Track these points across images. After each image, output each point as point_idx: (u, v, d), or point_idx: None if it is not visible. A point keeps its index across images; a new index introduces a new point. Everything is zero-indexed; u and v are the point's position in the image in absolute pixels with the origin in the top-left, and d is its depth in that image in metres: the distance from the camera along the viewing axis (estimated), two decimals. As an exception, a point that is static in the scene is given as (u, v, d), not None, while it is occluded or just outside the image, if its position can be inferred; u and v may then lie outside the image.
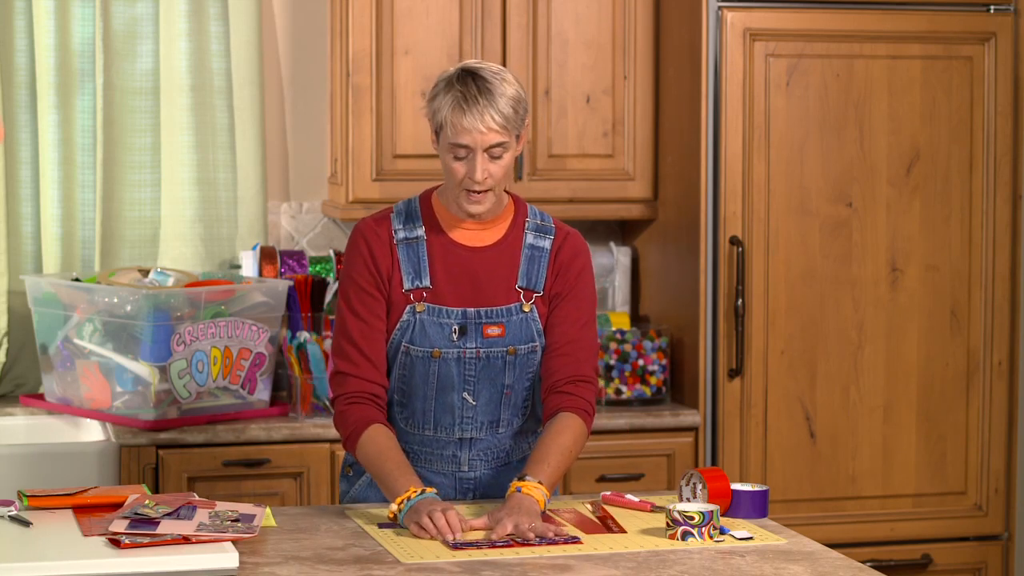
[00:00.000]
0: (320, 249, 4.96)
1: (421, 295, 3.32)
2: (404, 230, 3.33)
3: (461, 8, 4.68)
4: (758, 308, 4.59)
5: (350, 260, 3.35)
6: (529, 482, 3.18)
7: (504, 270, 3.34)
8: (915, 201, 4.67)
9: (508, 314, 3.33)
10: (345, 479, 3.51)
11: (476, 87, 3.18)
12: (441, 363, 3.32)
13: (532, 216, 3.39)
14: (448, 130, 3.20)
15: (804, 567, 2.97)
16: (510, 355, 3.34)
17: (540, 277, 3.35)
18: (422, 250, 3.32)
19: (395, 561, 2.96)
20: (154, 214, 4.78)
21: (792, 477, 4.63)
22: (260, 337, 4.50)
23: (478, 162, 3.20)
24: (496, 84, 3.19)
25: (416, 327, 3.31)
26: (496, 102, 3.17)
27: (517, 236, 3.36)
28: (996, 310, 4.73)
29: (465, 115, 3.17)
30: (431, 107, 3.23)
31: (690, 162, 4.64)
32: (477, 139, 3.18)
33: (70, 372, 4.46)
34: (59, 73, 4.65)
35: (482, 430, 3.38)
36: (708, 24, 4.54)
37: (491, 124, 3.17)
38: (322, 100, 4.95)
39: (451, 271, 3.32)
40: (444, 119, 3.20)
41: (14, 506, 3.14)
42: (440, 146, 3.25)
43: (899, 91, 4.64)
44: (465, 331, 3.31)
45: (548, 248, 3.37)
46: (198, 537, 2.91)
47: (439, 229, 3.33)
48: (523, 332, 3.34)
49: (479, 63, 3.25)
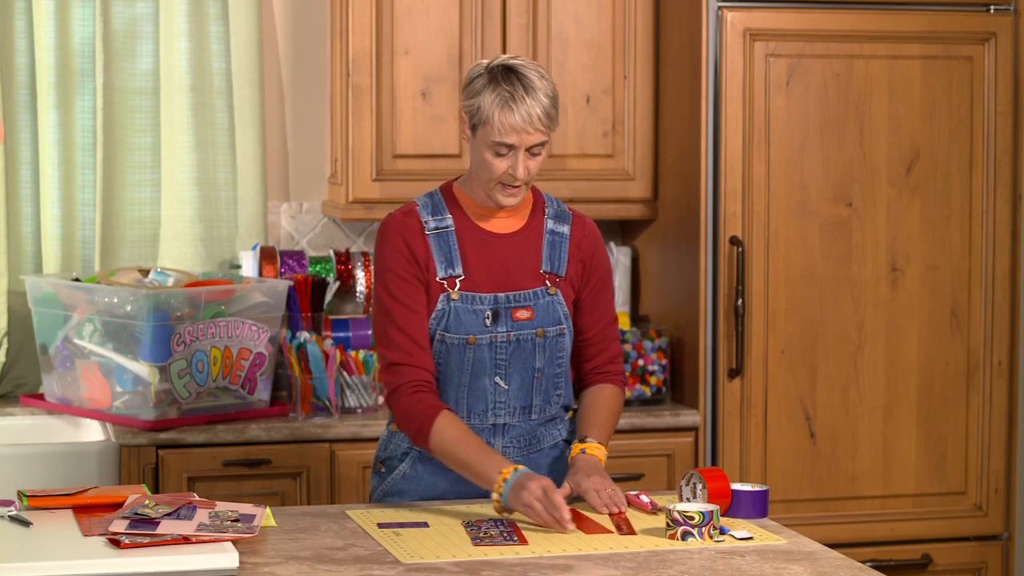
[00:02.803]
0: (320, 249, 4.96)
1: (454, 283, 3.38)
2: (433, 220, 3.40)
3: (461, 8, 4.68)
4: (758, 308, 4.59)
5: (386, 253, 3.39)
6: (591, 443, 3.37)
7: (529, 255, 3.43)
8: (915, 201, 4.67)
9: (535, 297, 3.41)
10: (377, 475, 3.53)
11: (522, 86, 3.25)
12: (476, 349, 3.38)
13: (550, 203, 3.49)
14: (493, 128, 3.26)
15: (804, 567, 2.97)
16: (539, 337, 3.41)
17: (562, 262, 3.45)
18: (452, 239, 3.39)
19: (395, 561, 2.96)
20: (154, 214, 4.78)
21: (792, 477, 4.63)
22: (260, 337, 4.50)
23: (520, 160, 3.29)
24: (538, 82, 3.27)
25: (451, 315, 3.37)
26: (540, 101, 3.26)
27: (539, 223, 3.46)
28: (996, 310, 4.73)
29: (513, 115, 3.25)
30: (471, 103, 3.29)
31: (690, 162, 4.64)
32: (524, 139, 3.27)
33: (70, 372, 4.46)
34: (59, 73, 4.65)
35: (514, 415, 3.44)
36: (708, 24, 4.54)
37: (537, 125, 3.26)
38: (322, 100, 4.95)
39: (481, 258, 3.39)
40: (488, 117, 3.26)
41: (14, 506, 3.14)
42: (477, 140, 3.31)
43: (899, 91, 4.64)
44: (497, 316, 3.38)
45: (567, 233, 3.47)
46: (198, 537, 2.91)
47: (466, 218, 3.41)
48: (551, 315, 3.42)
49: (517, 59, 3.31)
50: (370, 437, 4.43)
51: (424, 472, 3.45)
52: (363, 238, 4.98)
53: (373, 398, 4.58)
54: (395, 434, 3.49)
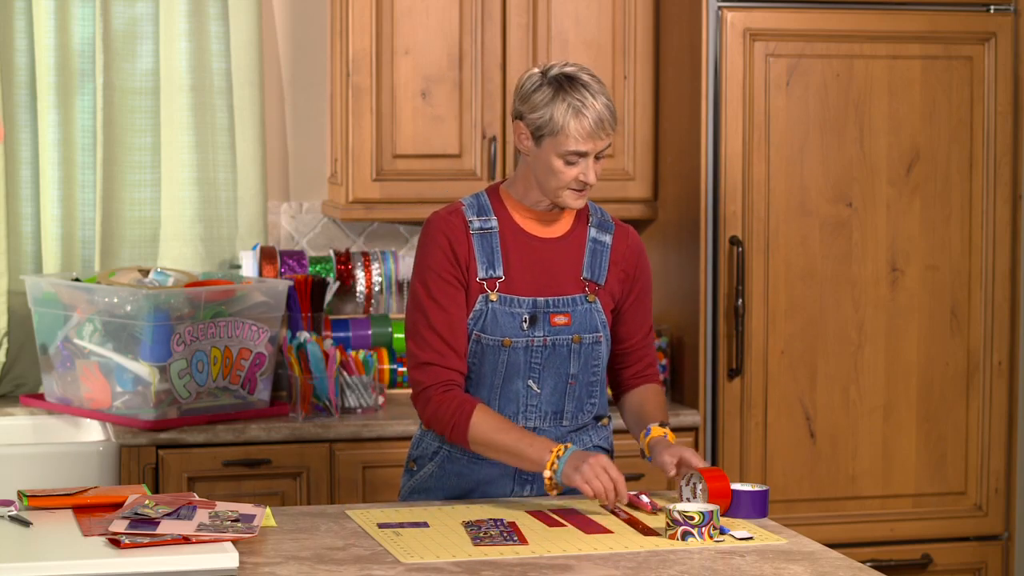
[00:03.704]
0: (320, 249, 4.96)
1: (494, 284, 3.39)
2: (478, 220, 3.42)
3: (461, 8, 4.68)
4: (758, 308, 4.59)
5: (428, 251, 3.40)
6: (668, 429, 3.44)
7: (571, 262, 3.45)
8: (915, 201, 4.67)
9: (574, 304, 3.43)
10: (408, 472, 3.54)
11: (590, 95, 3.30)
12: (511, 352, 3.39)
13: (594, 212, 3.52)
14: (569, 138, 3.30)
15: (804, 567, 2.97)
16: (575, 344, 3.42)
17: (603, 270, 3.47)
18: (495, 240, 3.41)
19: (395, 561, 2.96)
20: (154, 214, 4.78)
21: (792, 477, 4.63)
22: (260, 337, 4.50)
23: (591, 165, 3.34)
24: (597, 87, 3.33)
25: (488, 316, 3.38)
26: (608, 107, 3.33)
27: (582, 230, 3.47)
28: (996, 310, 4.73)
29: (588, 122, 3.29)
30: (539, 115, 3.32)
31: (690, 162, 4.64)
32: (597, 145, 3.32)
33: (70, 372, 4.46)
34: (59, 73, 4.65)
35: (545, 420, 3.44)
36: (708, 24, 4.54)
37: (607, 129, 3.33)
38: (322, 100, 4.95)
39: (523, 261, 3.41)
40: (562, 126, 3.29)
41: (14, 506, 3.14)
42: (544, 149, 3.33)
43: (899, 91, 4.64)
44: (535, 320, 3.40)
45: (609, 243, 3.49)
46: (198, 537, 2.91)
47: (511, 221, 3.43)
48: (588, 322, 3.43)
49: (570, 66, 3.35)
50: (370, 437, 4.43)
51: (451, 471, 3.46)
52: (363, 238, 4.99)
53: (373, 398, 4.58)
54: (427, 433, 3.49)
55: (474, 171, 4.70)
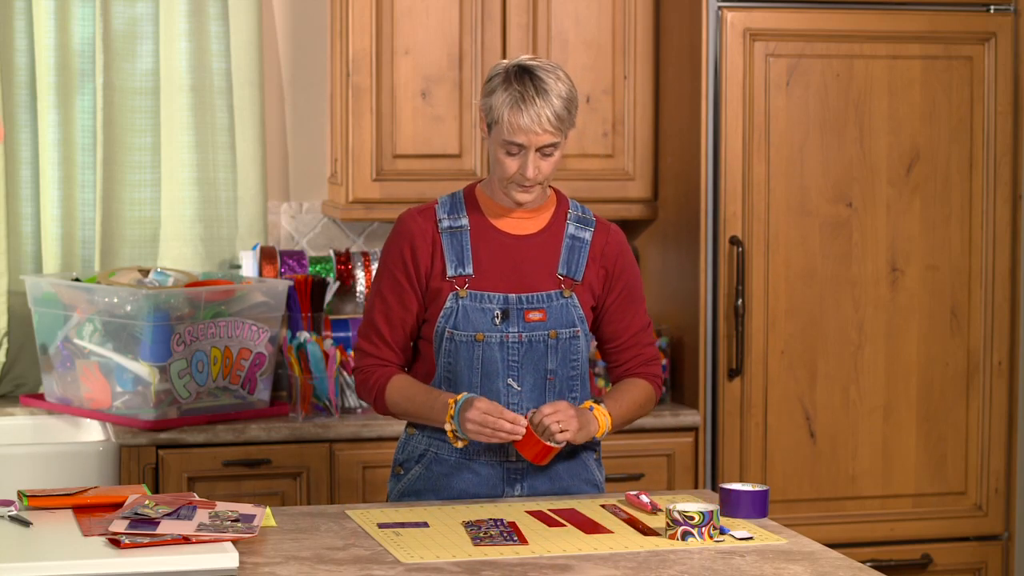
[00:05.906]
0: (320, 249, 4.96)
1: (464, 282, 3.40)
2: (448, 219, 3.43)
3: (461, 8, 4.68)
4: (758, 308, 4.59)
5: (390, 248, 3.46)
6: (602, 408, 3.40)
7: (546, 258, 3.45)
8: (915, 201, 4.67)
9: (549, 300, 3.43)
10: (395, 477, 3.55)
11: (534, 87, 3.28)
12: (485, 347, 3.40)
13: (574, 209, 3.51)
14: (504, 127, 3.30)
15: (804, 567, 2.97)
16: (552, 339, 3.42)
17: (580, 266, 3.46)
18: (465, 239, 3.42)
19: (395, 561, 2.96)
20: (154, 214, 4.78)
21: (792, 477, 4.63)
22: (260, 337, 4.51)
23: (530, 160, 3.32)
24: (552, 84, 3.29)
25: (459, 312, 3.39)
26: (552, 103, 3.28)
27: (559, 226, 3.47)
28: (996, 310, 4.73)
29: (522, 115, 3.28)
30: (487, 102, 3.33)
31: (690, 162, 4.64)
32: (532, 139, 3.30)
33: (70, 372, 4.46)
34: (59, 73, 4.65)
35: None
36: (708, 24, 4.54)
37: (546, 126, 3.29)
38: (322, 100, 4.95)
39: (494, 258, 3.42)
40: (500, 116, 3.30)
41: (14, 506, 3.14)
42: (492, 139, 3.35)
43: (899, 91, 4.64)
44: (507, 316, 3.41)
45: (588, 239, 3.48)
46: (198, 537, 2.91)
47: (483, 218, 3.44)
48: (564, 317, 3.43)
49: (534, 60, 3.34)
50: (370, 437, 4.43)
51: (439, 473, 3.46)
52: (363, 238, 4.98)
53: (373, 398, 4.57)
54: (412, 437, 3.50)
55: (474, 171, 4.70)
